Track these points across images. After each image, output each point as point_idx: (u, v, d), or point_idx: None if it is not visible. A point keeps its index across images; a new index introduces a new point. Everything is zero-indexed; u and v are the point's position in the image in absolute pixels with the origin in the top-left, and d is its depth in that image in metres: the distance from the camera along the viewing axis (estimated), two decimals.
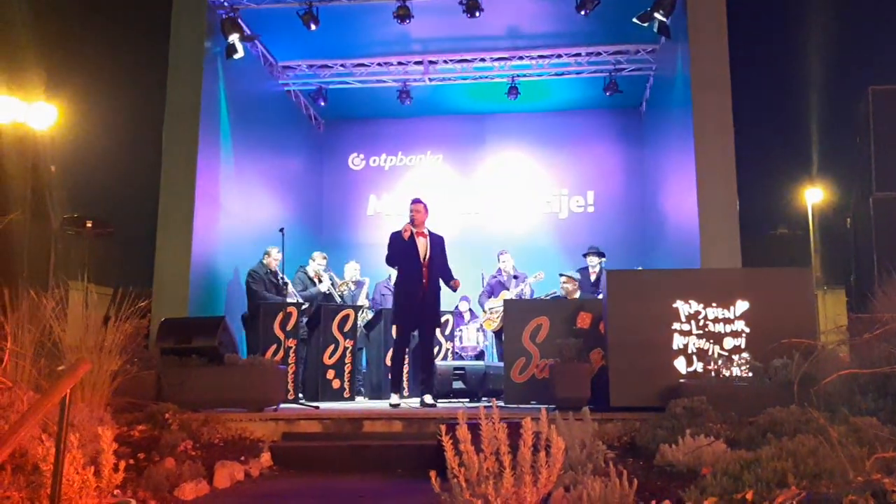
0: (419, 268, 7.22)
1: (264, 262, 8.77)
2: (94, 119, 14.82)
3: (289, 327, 7.87)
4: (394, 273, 8.06)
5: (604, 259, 9.51)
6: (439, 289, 7.41)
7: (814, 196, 20.68)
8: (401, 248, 7.26)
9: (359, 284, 9.82)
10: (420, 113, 12.58)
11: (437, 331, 9.01)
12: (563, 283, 8.95)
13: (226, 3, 9.36)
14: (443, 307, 9.29)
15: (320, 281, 9.14)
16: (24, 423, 2.77)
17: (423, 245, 7.29)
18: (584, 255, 9.64)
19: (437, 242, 7.42)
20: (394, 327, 7.91)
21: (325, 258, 9.37)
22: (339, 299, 9.15)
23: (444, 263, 7.43)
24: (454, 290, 7.55)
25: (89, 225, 9.76)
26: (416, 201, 7.46)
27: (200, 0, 9.22)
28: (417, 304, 7.20)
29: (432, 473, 2.88)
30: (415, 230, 7.27)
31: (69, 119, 13.37)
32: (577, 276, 9.11)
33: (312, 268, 9.19)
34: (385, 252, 7.51)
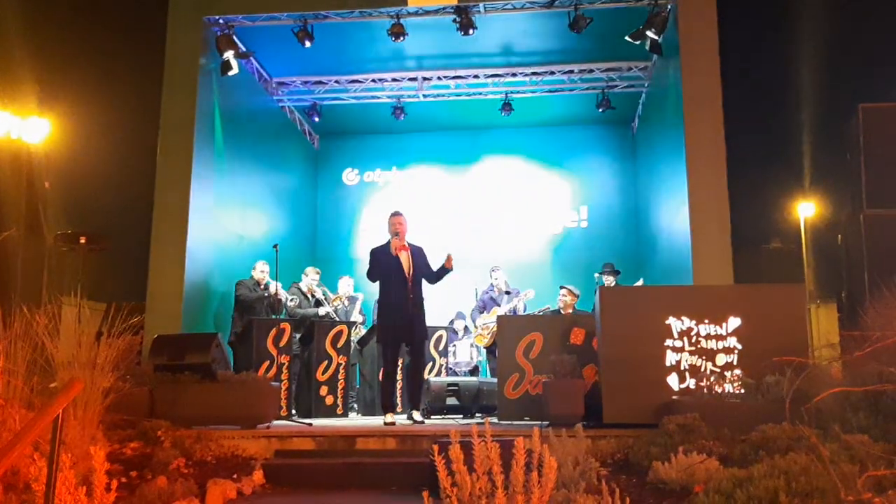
0: (404, 282, 7.10)
1: (254, 276, 8.80)
2: (88, 134, 14.85)
3: (282, 343, 7.85)
4: None
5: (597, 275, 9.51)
6: (423, 301, 7.28)
7: (806, 210, 20.80)
8: (385, 264, 7.16)
9: (352, 300, 9.82)
10: (414, 128, 12.64)
11: (430, 346, 9.04)
12: (563, 295, 8.95)
13: (221, 21, 9.40)
14: (437, 322, 9.33)
15: (314, 296, 9.14)
16: (17, 443, 2.76)
17: (405, 259, 7.16)
18: (601, 274, 9.53)
19: (419, 254, 7.30)
20: (380, 345, 7.74)
21: (318, 273, 9.37)
22: (333, 315, 9.14)
23: (430, 271, 7.30)
24: (450, 268, 7.23)
25: (83, 241, 9.73)
26: (397, 214, 7.33)
27: (196, 17, 9.28)
28: (405, 320, 7.09)
29: (425, 493, 2.88)
30: (399, 244, 7.16)
31: (63, 134, 13.40)
32: (578, 291, 9.11)
33: (305, 283, 9.19)
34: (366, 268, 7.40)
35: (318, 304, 9.12)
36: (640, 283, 9.51)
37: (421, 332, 7.30)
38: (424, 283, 7.30)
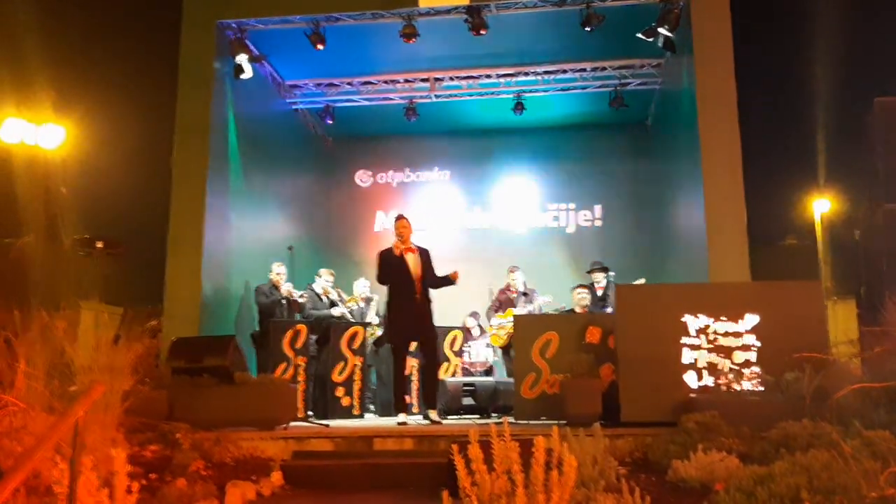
0: (412, 283, 7.25)
1: (270, 279, 8.85)
2: (104, 139, 14.94)
3: (298, 345, 7.89)
4: None
5: (610, 274, 9.43)
6: (431, 302, 7.41)
7: (822, 206, 20.61)
8: (392, 266, 7.30)
9: (368, 301, 9.83)
10: (427, 129, 12.62)
11: (445, 346, 9.05)
12: (582, 296, 8.89)
13: (234, 25, 9.45)
14: (451, 322, 9.33)
15: (328, 297, 9.15)
16: (39, 447, 2.79)
17: (412, 260, 7.32)
18: (589, 272, 9.54)
19: (425, 256, 7.45)
20: (391, 347, 7.80)
21: (332, 275, 9.38)
22: (348, 316, 9.16)
23: (433, 274, 7.44)
24: (454, 282, 7.41)
25: (100, 245, 9.83)
26: (400, 217, 7.54)
27: (209, 21, 9.33)
28: (413, 320, 7.23)
29: (444, 493, 2.88)
30: (403, 247, 7.30)
31: (78, 140, 13.50)
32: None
33: (319, 284, 9.21)
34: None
35: (333, 305, 9.14)
36: (640, 281, 9.42)
37: (429, 330, 7.40)
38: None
